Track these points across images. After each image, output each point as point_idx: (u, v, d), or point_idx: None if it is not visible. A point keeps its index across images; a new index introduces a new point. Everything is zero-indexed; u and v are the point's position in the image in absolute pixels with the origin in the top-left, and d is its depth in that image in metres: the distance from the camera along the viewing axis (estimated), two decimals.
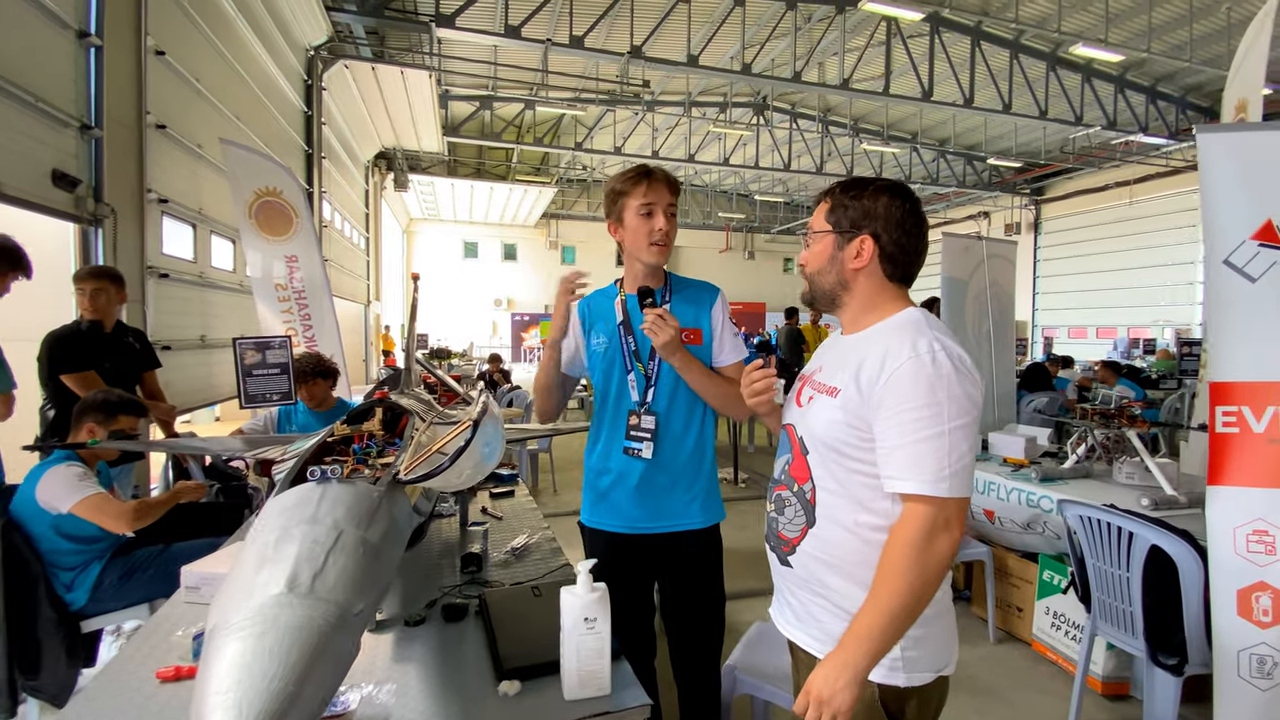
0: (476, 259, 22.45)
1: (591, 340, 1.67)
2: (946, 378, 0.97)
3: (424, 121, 11.68)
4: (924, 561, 0.94)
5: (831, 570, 1.09)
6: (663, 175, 1.57)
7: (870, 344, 1.08)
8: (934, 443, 0.95)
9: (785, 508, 1.16)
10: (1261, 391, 1.82)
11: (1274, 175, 1.84)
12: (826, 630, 1.10)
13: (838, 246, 1.12)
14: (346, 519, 0.80)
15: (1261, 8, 8.16)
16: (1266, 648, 1.76)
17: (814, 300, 1.21)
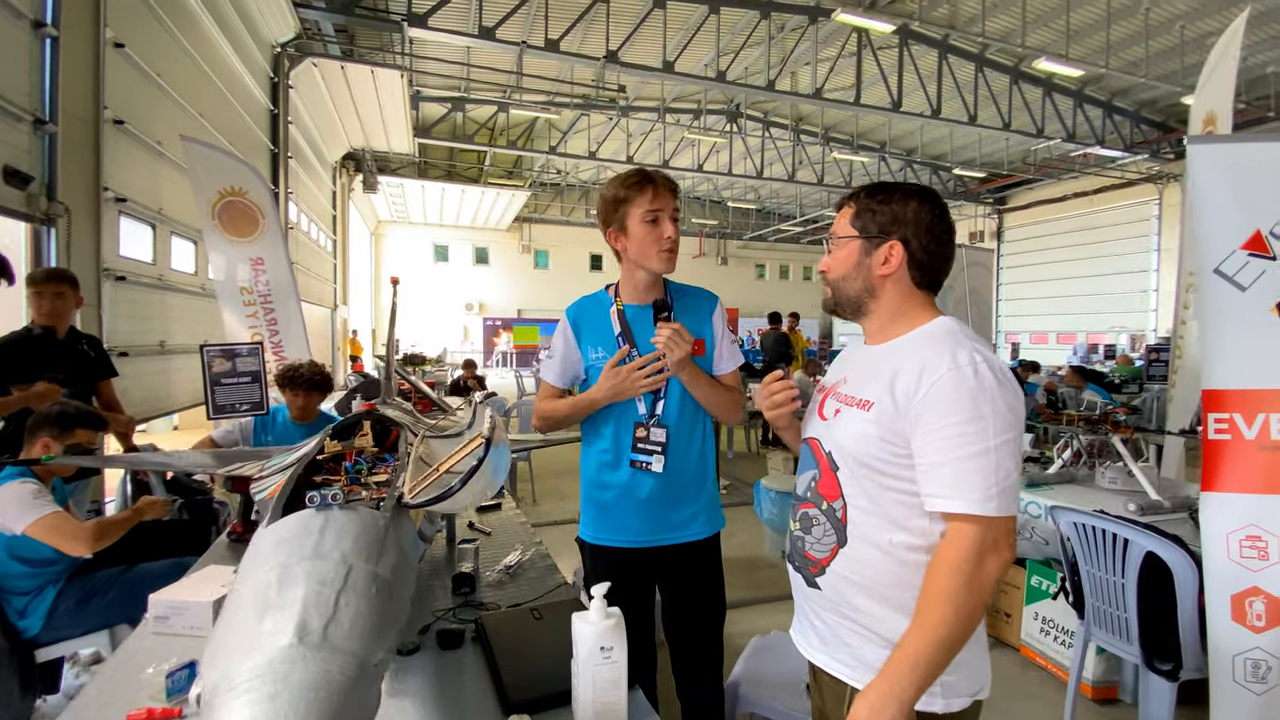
0: (447, 262, 22.10)
1: (589, 353, 1.60)
2: (989, 391, 0.92)
3: (395, 122, 11.45)
4: (973, 585, 0.89)
5: (863, 592, 1.03)
6: (664, 179, 1.52)
7: (903, 354, 1.03)
8: (979, 460, 0.90)
9: (812, 526, 1.10)
10: (1253, 399, 1.84)
11: (1262, 186, 1.87)
12: (856, 655, 1.05)
13: (865, 252, 1.08)
14: (354, 552, 0.72)
15: (1219, 25, 8.49)
16: (1261, 652, 1.77)
17: (836, 307, 1.15)
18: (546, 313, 22.98)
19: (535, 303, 22.89)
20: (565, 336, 1.64)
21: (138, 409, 4.36)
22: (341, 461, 1.28)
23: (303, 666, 0.54)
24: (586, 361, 1.61)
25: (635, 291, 1.59)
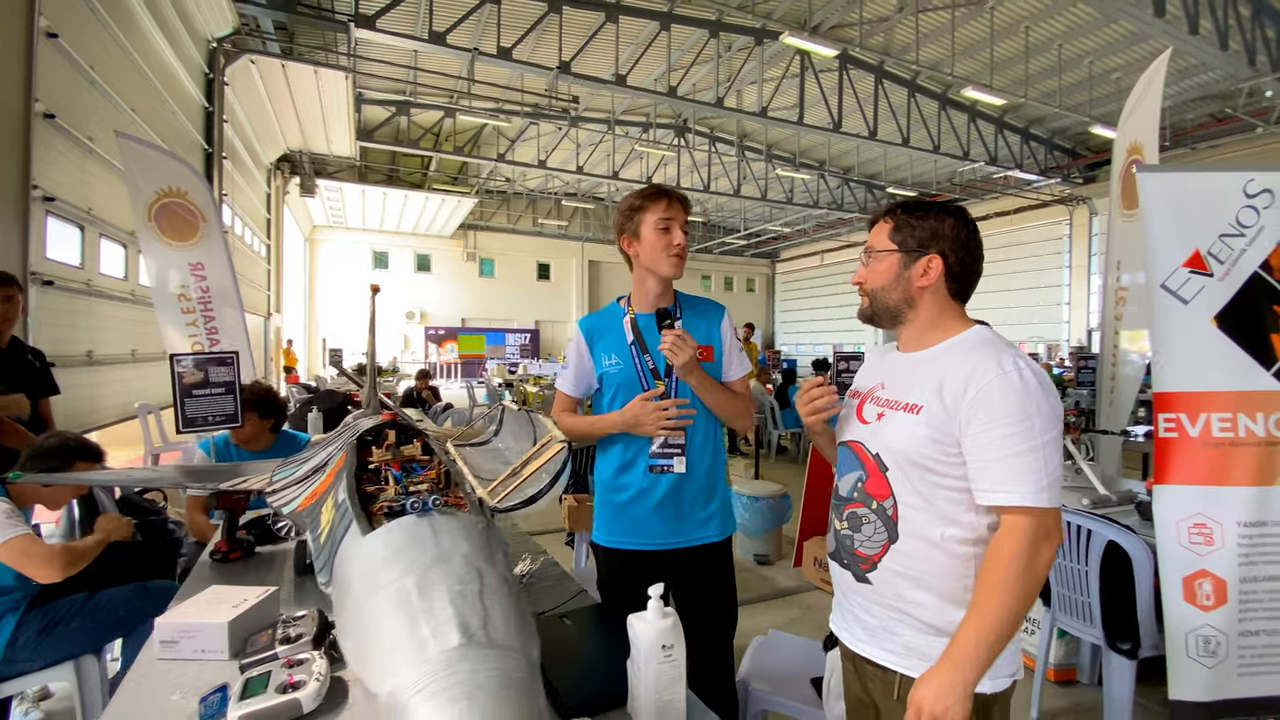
0: (387, 270, 21.35)
1: (602, 361, 1.65)
2: (1034, 394, 1.01)
3: (337, 124, 11.08)
4: (1029, 572, 0.97)
5: (915, 585, 1.10)
6: (678, 194, 1.61)
7: (946, 361, 1.11)
8: (1029, 457, 0.99)
9: (863, 525, 1.17)
10: (1196, 400, 2.06)
11: (1200, 211, 2.10)
12: (908, 645, 1.12)
13: (904, 265, 1.16)
14: (475, 555, 0.72)
15: (1122, 62, 9.30)
16: (1210, 629, 1.97)
17: (874, 316, 1.23)
18: (493, 322, 22.58)
19: (481, 312, 22.47)
20: (579, 348, 1.68)
21: (63, 425, 4.02)
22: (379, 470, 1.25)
23: (484, 665, 0.55)
24: (600, 369, 1.66)
25: (646, 300, 1.65)
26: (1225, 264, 2.10)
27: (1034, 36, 10.41)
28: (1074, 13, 9.83)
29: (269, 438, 2.86)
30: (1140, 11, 7.36)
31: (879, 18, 10.36)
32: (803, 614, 3.35)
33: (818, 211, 17.92)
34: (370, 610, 0.66)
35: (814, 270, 24.14)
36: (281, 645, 1.20)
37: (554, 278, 23.65)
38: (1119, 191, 3.77)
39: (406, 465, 1.22)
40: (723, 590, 1.70)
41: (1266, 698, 1.99)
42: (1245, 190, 2.10)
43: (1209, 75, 10.30)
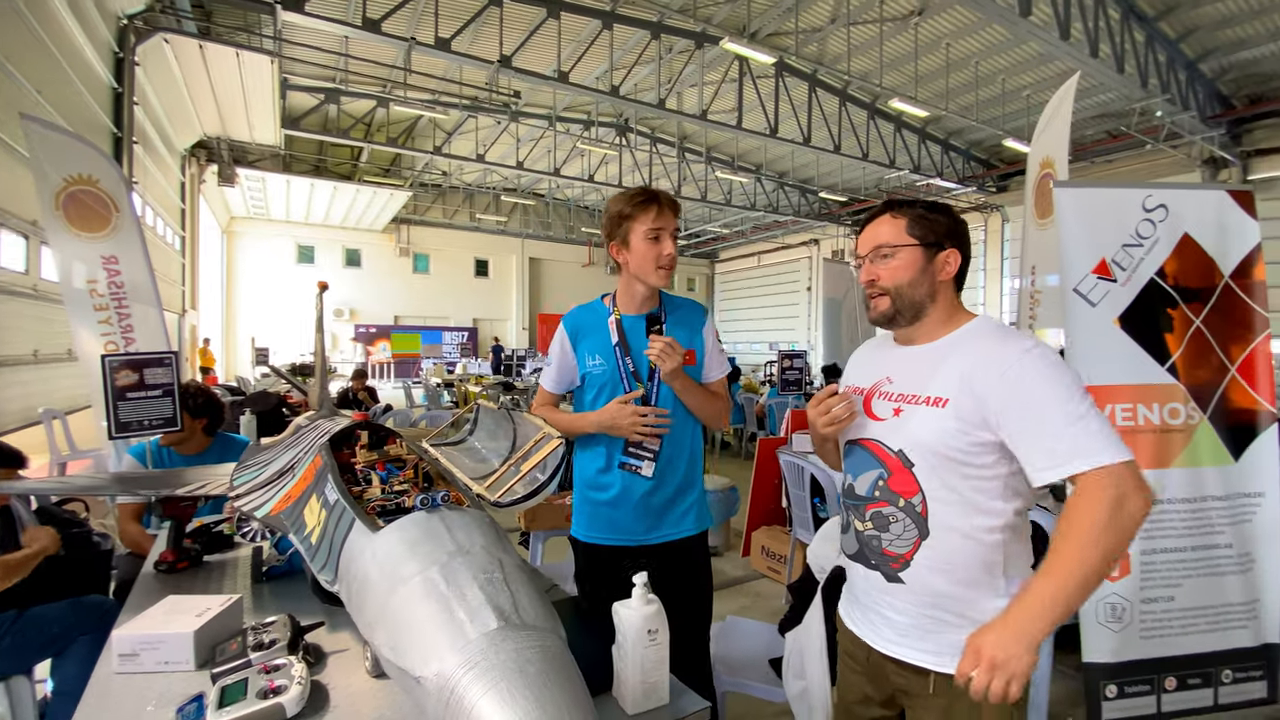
0: (312, 264, 20.32)
1: (585, 360, 1.66)
2: (1062, 366, 1.04)
3: (260, 110, 10.50)
4: (1119, 525, 0.94)
5: (950, 579, 1.10)
6: (668, 200, 1.60)
7: (964, 351, 1.12)
8: (1084, 422, 0.98)
9: (890, 524, 1.15)
10: (1103, 393, 2.30)
11: (1106, 223, 2.35)
12: (940, 642, 1.11)
13: (927, 259, 1.15)
14: (491, 545, 0.75)
15: (1031, 80, 10.01)
16: (1117, 597, 2.21)
17: (897, 314, 1.19)
18: (428, 319, 21.93)
19: (415, 309, 21.77)
20: (562, 344, 1.69)
21: None
22: (357, 470, 1.25)
23: (526, 643, 0.58)
24: (583, 368, 1.66)
25: (632, 303, 1.67)
26: (1127, 271, 2.35)
27: (954, 53, 11.08)
28: (989, 32, 10.54)
29: (204, 440, 2.72)
30: (1048, 34, 7.99)
31: (813, 28, 10.76)
32: (753, 601, 3.48)
33: (755, 213, 18.41)
34: (399, 602, 0.68)
35: (752, 270, 24.76)
36: (255, 652, 1.19)
37: (493, 275, 23.21)
38: (1033, 202, 4.10)
39: (390, 465, 1.22)
40: (699, 581, 1.74)
41: (1164, 658, 2.25)
42: (1144, 205, 2.36)
43: (1107, 95, 11.26)
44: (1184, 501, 2.27)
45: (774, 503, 3.90)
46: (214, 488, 1.55)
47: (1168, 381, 2.30)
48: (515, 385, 10.02)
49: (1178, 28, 10.12)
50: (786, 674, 1.81)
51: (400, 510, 0.96)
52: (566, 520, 3.09)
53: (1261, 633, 2.30)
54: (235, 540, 1.93)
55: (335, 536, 0.90)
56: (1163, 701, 2.25)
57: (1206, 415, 2.31)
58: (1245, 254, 2.40)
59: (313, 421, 1.87)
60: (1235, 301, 2.38)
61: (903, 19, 10.37)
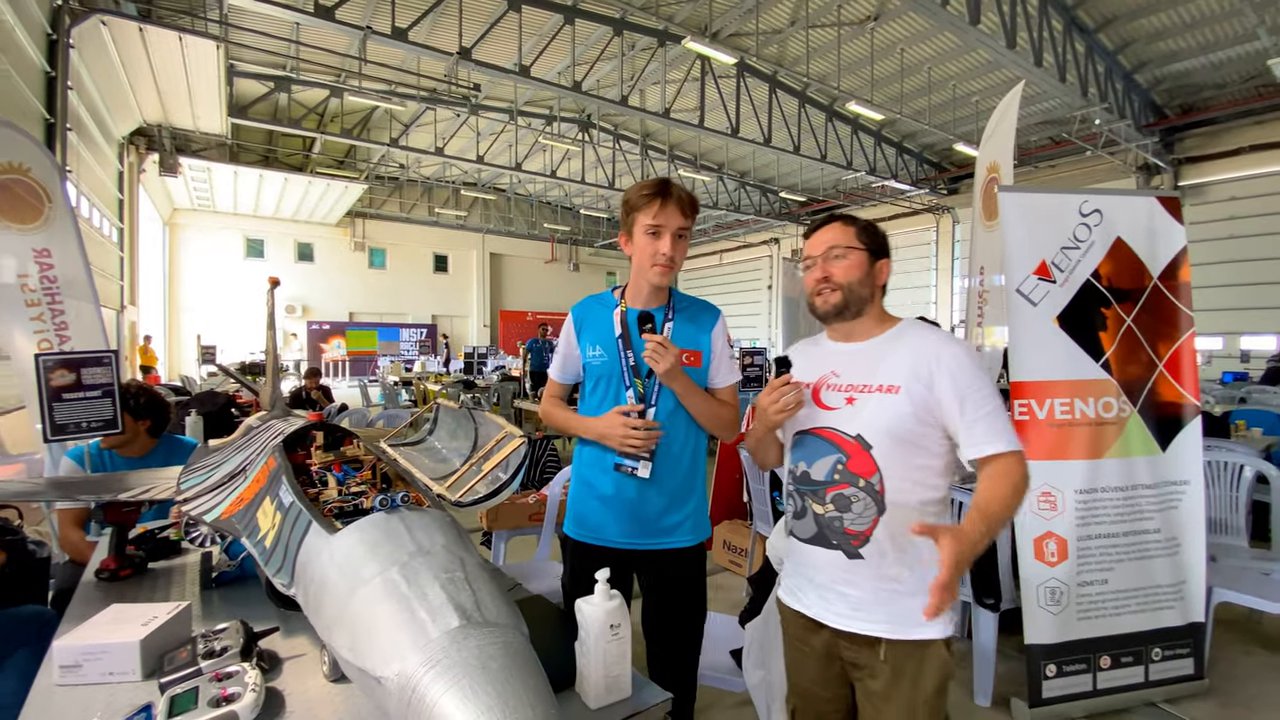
0: (262, 259, 19.58)
1: (587, 350, 1.61)
2: (979, 362, 1.25)
3: (204, 98, 10.07)
4: (1020, 495, 1.17)
5: (903, 550, 1.24)
6: (679, 195, 1.53)
7: (905, 345, 1.29)
8: (1001, 412, 1.21)
9: (852, 504, 1.26)
10: (1042, 388, 2.42)
11: (1046, 227, 2.47)
12: (895, 610, 1.24)
13: (870, 264, 1.32)
14: (452, 544, 0.75)
15: (980, 87, 10.41)
16: (1056, 581, 2.33)
17: (847, 308, 1.32)
18: (385, 316, 21.42)
19: (371, 305, 21.23)
20: (568, 334, 1.65)
21: None
22: (312, 472, 1.23)
23: (488, 640, 0.59)
24: (584, 359, 1.61)
25: (640, 297, 1.61)
26: (1065, 272, 2.47)
27: (908, 58, 11.40)
28: (941, 39, 10.88)
29: (148, 442, 2.61)
30: (995, 43, 8.29)
31: (773, 30, 10.91)
32: (715, 594, 3.51)
33: (717, 212, 18.58)
34: (358, 603, 0.67)
35: (715, 268, 24.98)
36: (206, 660, 1.15)
37: (452, 270, 22.80)
38: (980, 205, 4.27)
39: (347, 466, 1.20)
40: (692, 596, 1.66)
41: (1099, 638, 2.39)
42: (1080, 210, 2.49)
43: (1050, 103, 11.76)
44: (1117, 490, 2.41)
45: (736, 497, 3.96)
46: (159, 492, 1.49)
47: (1102, 377, 2.43)
48: (476, 384, 9.89)
49: (1115, 40, 10.64)
50: (747, 664, 1.85)
51: (358, 511, 0.95)
52: (530, 520, 3.09)
53: (1188, 612, 2.46)
54: (182, 546, 1.86)
55: (291, 539, 0.88)
56: (1098, 679, 2.39)
57: (1137, 408, 2.46)
58: (1172, 257, 2.55)
59: (265, 422, 1.82)
60: (1163, 301, 2.54)
61: (860, 23, 10.61)
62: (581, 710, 1.14)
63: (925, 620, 1.13)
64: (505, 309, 23.51)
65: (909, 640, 1.24)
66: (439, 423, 1.49)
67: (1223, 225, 12.55)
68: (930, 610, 1.05)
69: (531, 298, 24.00)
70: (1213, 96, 11.97)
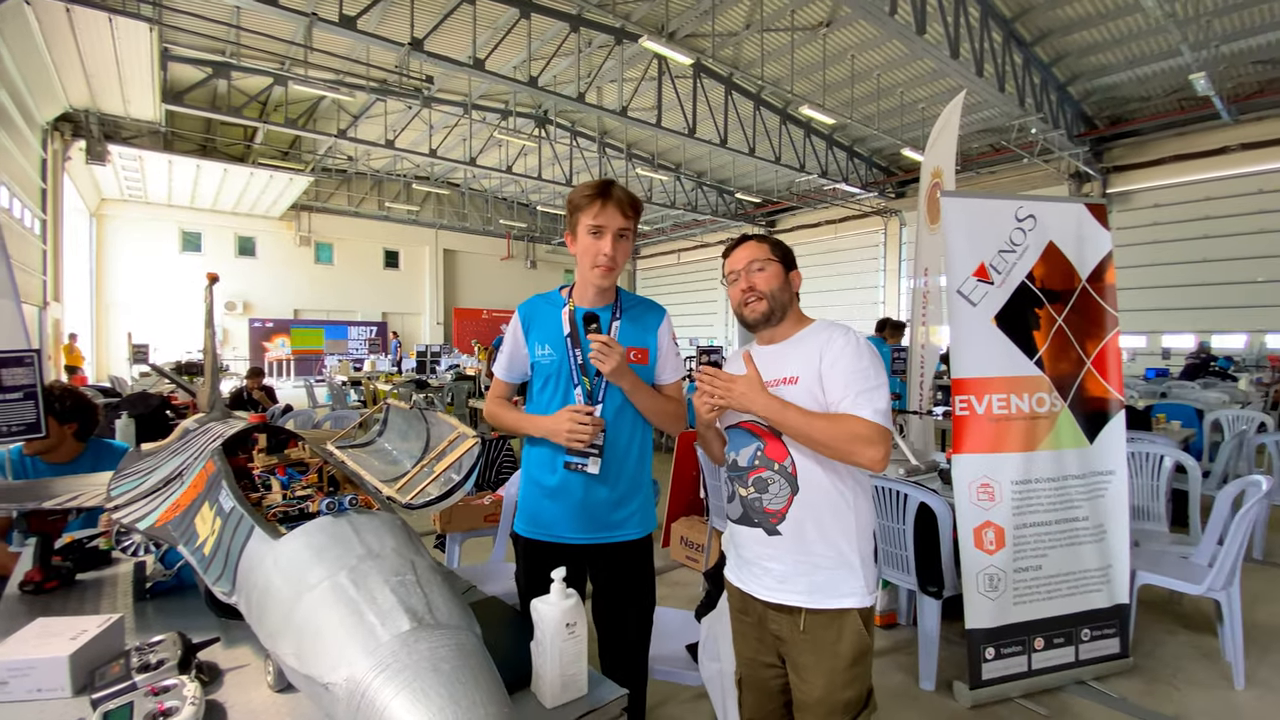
0: (199, 253, 18.66)
1: (535, 349, 1.62)
2: (867, 350, 1.38)
3: (137, 82, 9.55)
4: (850, 449, 1.28)
5: (817, 524, 1.37)
6: (619, 196, 1.55)
7: (808, 343, 1.44)
8: (873, 392, 1.32)
9: (769, 486, 1.41)
10: (981, 384, 2.53)
11: (985, 231, 2.58)
12: (814, 581, 1.37)
13: (785, 275, 1.48)
14: (403, 547, 0.74)
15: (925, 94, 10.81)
16: (994, 568, 2.45)
17: (771, 314, 1.47)
18: (333, 313, 20.73)
19: (317, 302, 20.51)
20: (515, 333, 1.65)
21: None
22: (254, 476, 1.19)
23: (440, 642, 0.58)
24: (533, 357, 1.62)
25: (586, 296, 1.63)
26: (1002, 274, 2.59)
27: (858, 64, 11.72)
28: (890, 47, 11.23)
29: (75, 446, 2.46)
30: (939, 52, 8.62)
31: (729, 32, 11.04)
32: (671, 590, 3.57)
33: (675, 212, 18.69)
34: (305, 609, 0.65)
35: (672, 268, 25.14)
36: (140, 674, 1.10)
37: (404, 266, 22.25)
38: (925, 209, 4.43)
39: (291, 470, 1.16)
40: (641, 586, 1.70)
41: (1033, 620, 2.52)
42: (1016, 215, 2.61)
43: (990, 112, 12.28)
44: (1049, 480, 2.54)
45: (693, 494, 4.00)
46: (88, 499, 1.41)
47: (1035, 374, 2.57)
48: (429, 383, 9.68)
49: (1051, 53, 11.19)
50: (703, 657, 1.88)
51: (304, 516, 0.92)
52: (485, 521, 3.05)
53: (1114, 594, 2.62)
54: (113, 556, 1.77)
55: (232, 546, 0.85)
56: (1033, 660, 2.52)
57: (1067, 403, 2.60)
58: (1099, 260, 2.71)
59: (203, 424, 1.75)
60: (1091, 303, 2.69)
61: (812, 29, 10.85)
62: (538, 710, 1.14)
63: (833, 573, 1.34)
64: (460, 306, 23.08)
65: (825, 610, 1.36)
66: (389, 424, 1.46)
67: (1147, 231, 13.38)
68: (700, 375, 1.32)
69: (487, 295, 23.64)
70: (1139, 109, 12.73)
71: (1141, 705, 2.50)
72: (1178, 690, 2.60)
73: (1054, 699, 2.53)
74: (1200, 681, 2.66)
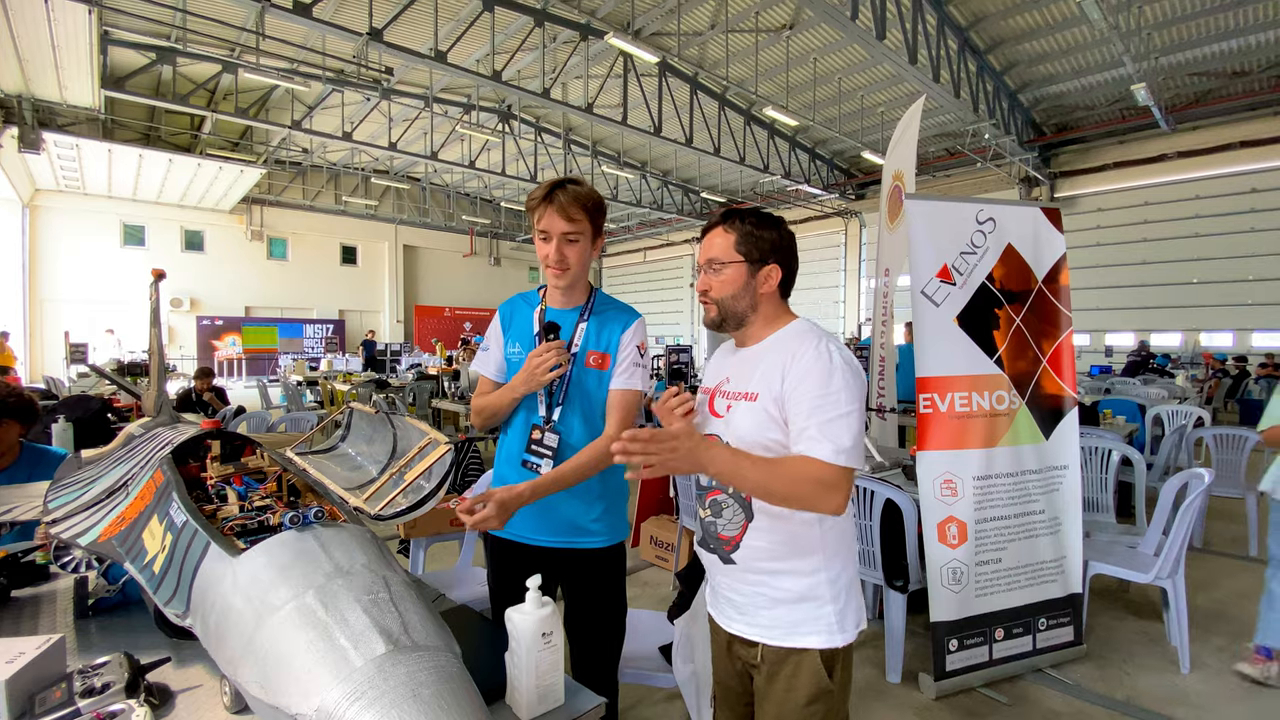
0: (142, 247, 17.77)
1: (508, 347, 1.64)
2: (841, 371, 1.16)
3: (73, 67, 9.02)
4: (812, 500, 1.11)
5: (770, 556, 1.22)
6: (562, 201, 1.49)
7: (776, 350, 1.25)
8: (838, 424, 1.12)
9: (723, 510, 1.27)
10: (945, 383, 2.59)
11: (949, 234, 2.64)
12: (772, 616, 1.24)
13: (750, 274, 1.27)
14: (374, 563, 0.70)
15: (885, 99, 11.08)
16: (957, 562, 2.51)
17: (724, 322, 1.31)
18: (287, 311, 20.04)
19: (271, 299, 19.80)
20: (496, 330, 1.66)
21: None
22: (206, 486, 1.12)
23: (419, 666, 0.55)
24: (506, 355, 1.64)
25: (555, 297, 1.63)
26: (964, 275, 2.66)
27: (820, 68, 11.91)
28: (851, 52, 11.44)
29: (10, 451, 2.30)
30: (898, 58, 8.81)
31: (695, 31, 11.07)
32: (642, 590, 3.56)
33: (641, 210, 18.68)
34: (269, 633, 0.61)
35: (638, 266, 25.13)
36: (85, 699, 1.03)
37: (362, 262, 21.66)
38: (886, 210, 4.52)
39: (248, 479, 1.10)
40: (610, 596, 1.67)
41: (994, 612, 2.59)
42: (977, 218, 2.68)
43: (946, 117, 12.63)
44: (1008, 476, 2.62)
45: (663, 493, 4.00)
46: (23, 512, 1.31)
47: (995, 372, 2.64)
48: (390, 383, 9.44)
49: (1002, 61, 11.58)
50: (676, 659, 1.87)
51: (265, 529, 0.87)
52: (451, 525, 2.98)
53: (1068, 584, 2.72)
54: (51, 571, 1.66)
55: (185, 563, 0.79)
56: (994, 650, 2.59)
57: (1025, 401, 2.68)
58: (1054, 262, 2.80)
59: (149, 430, 1.65)
60: (1046, 303, 2.78)
61: (776, 31, 10.96)
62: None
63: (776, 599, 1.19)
64: (421, 304, 22.61)
65: (783, 647, 1.23)
66: (352, 428, 1.40)
67: (1091, 234, 13.99)
68: (617, 447, 1.05)
69: (449, 293, 23.22)
70: (1084, 117, 13.30)
71: (1094, 690, 2.60)
72: (1128, 675, 2.71)
73: (1014, 687, 2.61)
74: (1149, 666, 2.78)
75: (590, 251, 1.58)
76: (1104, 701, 2.53)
